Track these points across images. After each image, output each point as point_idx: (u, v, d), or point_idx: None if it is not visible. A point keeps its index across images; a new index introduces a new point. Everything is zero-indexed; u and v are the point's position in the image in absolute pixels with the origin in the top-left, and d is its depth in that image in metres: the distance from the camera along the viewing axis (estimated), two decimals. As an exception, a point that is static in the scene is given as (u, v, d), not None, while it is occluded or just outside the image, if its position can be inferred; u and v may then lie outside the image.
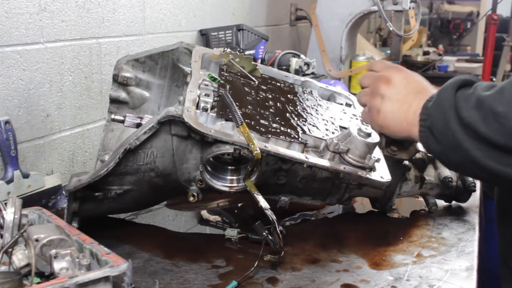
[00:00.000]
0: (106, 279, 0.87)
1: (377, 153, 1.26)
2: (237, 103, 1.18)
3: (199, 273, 1.08)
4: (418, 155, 1.32)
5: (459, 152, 0.92)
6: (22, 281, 0.90)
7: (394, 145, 1.27)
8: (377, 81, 1.11)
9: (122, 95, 1.45)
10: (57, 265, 0.90)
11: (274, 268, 1.09)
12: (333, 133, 1.28)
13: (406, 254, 1.15)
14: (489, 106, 0.87)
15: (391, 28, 2.44)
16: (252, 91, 1.30)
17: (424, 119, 0.98)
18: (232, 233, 1.23)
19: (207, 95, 1.18)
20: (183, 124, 1.11)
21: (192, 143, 1.15)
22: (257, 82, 1.34)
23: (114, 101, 1.46)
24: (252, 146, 1.10)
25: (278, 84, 1.41)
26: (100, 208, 1.22)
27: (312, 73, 2.30)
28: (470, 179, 1.36)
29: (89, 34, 1.62)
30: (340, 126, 1.33)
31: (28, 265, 0.93)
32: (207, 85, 1.22)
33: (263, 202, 1.10)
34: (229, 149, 1.12)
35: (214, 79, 1.26)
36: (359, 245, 1.20)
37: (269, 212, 1.09)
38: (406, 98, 1.05)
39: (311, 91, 1.47)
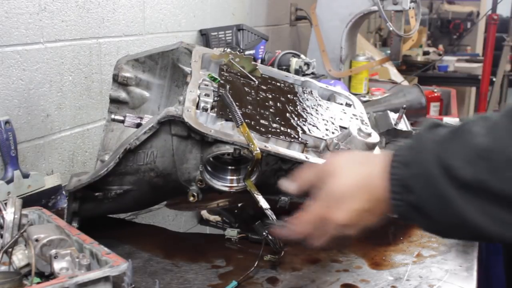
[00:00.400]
0: (106, 279, 0.87)
1: (377, 153, 1.26)
2: (237, 103, 1.18)
3: (199, 273, 1.08)
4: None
5: (466, 230, 0.69)
6: (22, 281, 0.90)
7: (394, 145, 1.27)
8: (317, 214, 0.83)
9: (122, 95, 1.45)
10: (57, 265, 0.90)
11: (274, 268, 1.09)
12: (333, 133, 1.28)
13: (406, 254, 1.15)
14: (501, 153, 0.64)
15: (391, 28, 2.44)
16: (252, 91, 1.30)
17: (397, 197, 0.73)
18: (232, 233, 1.23)
19: (207, 95, 1.18)
20: (183, 124, 1.11)
21: (192, 143, 1.15)
22: (257, 82, 1.34)
23: (114, 101, 1.46)
24: (252, 146, 1.10)
25: (278, 84, 1.41)
26: (100, 208, 1.22)
27: (312, 73, 2.30)
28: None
29: (89, 34, 1.62)
30: (340, 126, 1.33)
31: (28, 265, 0.93)
32: (207, 85, 1.22)
33: (263, 202, 1.10)
34: (229, 149, 1.12)
35: (214, 79, 1.26)
36: (359, 245, 1.19)
37: (269, 212, 1.09)
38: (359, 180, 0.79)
39: (311, 91, 1.47)
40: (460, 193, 0.66)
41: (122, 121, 1.27)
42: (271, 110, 1.26)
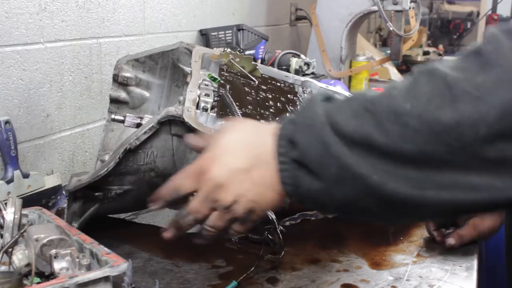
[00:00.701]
0: (106, 279, 0.87)
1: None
2: (237, 103, 1.18)
3: (199, 273, 1.08)
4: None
5: (350, 182, 0.64)
6: (22, 281, 0.90)
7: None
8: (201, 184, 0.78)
9: (122, 95, 1.45)
10: (57, 265, 0.90)
11: (274, 268, 1.09)
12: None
13: (406, 254, 1.15)
14: (387, 107, 0.63)
15: (391, 28, 2.44)
16: (252, 91, 1.30)
17: (283, 152, 0.68)
18: (232, 233, 1.23)
19: (207, 95, 1.18)
20: (183, 124, 1.11)
21: (192, 143, 1.15)
22: (257, 82, 1.34)
23: (114, 101, 1.46)
24: (252, 146, 1.10)
25: (278, 84, 1.41)
26: (100, 208, 1.22)
27: (312, 73, 2.30)
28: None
29: (89, 34, 1.62)
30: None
31: (28, 265, 0.93)
32: (207, 85, 1.22)
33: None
34: (229, 149, 1.11)
35: (214, 79, 1.26)
36: (359, 245, 1.20)
37: (269, 212, 1.09)
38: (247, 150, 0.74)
39: (311, 91, 1.47)
40: (347, 149, 0.64)
41: (122, 121, 1.27)
42: (271, 110, 1.26)
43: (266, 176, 0.71)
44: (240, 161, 0.72)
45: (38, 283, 0.88)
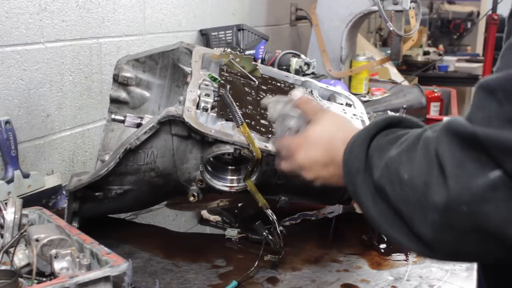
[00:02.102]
0: (106, 279, 0.87)
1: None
2: (237, 103, 1.18)
3: (199, 273, 1.08)
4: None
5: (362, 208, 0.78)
6: (22, 281, 0.90)
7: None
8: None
9: (123, 95, 1.45)
10: (58, 265, 0.90)
11: (274, 268, 1.09)
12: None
13: (406, 254, 1.15)
14: (395, 170, 0.71)
15: (391, 28, 2.44)
16: (252, 91, 1.30)
17: (346, 164, 0.82)
18: (232, 233, 1.23)
19: (207, 95, 1.18)
20: (184, 124, 1.11)
21: (193, 143, 1.15)
22: (257, 82, 1.34)
23: (114, 101, 1.46)
24: (253, 146, 1.11)
25: (279, 84, 1.41)
26: (100, 208, 1.22)
27: (312, 73, 2.30)
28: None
29: (89, 34, 1.62)
30: (340, 126, 1.33)
31: (28, 265, 0.93)
32: (208, 85, 1.22)
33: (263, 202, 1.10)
34: (229, 149, 1.12)
35: (214, 79, 1.26)
36: (359, 245, 1.20)
37: (269, 212, 1.09)
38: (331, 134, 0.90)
39: (311, 91, 1.47)
40: (369, 187, 0.75)
41: (123, 121, 1.27)
42: (271, 110, 1.26)
43: (337, 173, 0.85)
44: (320, 156, 0.90)
45: (38, 283, 0.88)
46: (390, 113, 1.43)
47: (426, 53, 4.74)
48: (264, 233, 1.12)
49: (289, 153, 0.94)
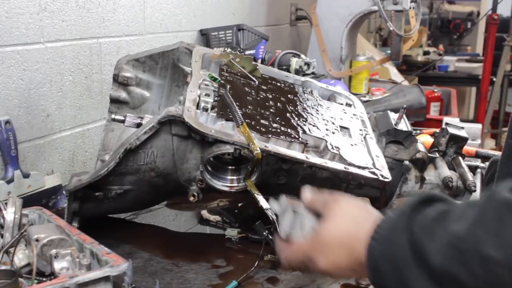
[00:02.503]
0: (106, 279, 0.87)
1: (378, 153, 1.26)
2: (237, 103, 1.18)
3: (199, 273, 1.08)
4: (418, 155, 1.32)
5: None
6: (22, 281, 0.90)
7: (394, 145, 1.27)
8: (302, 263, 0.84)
9: (123, 95, 1.45)
10: (58, 265, 0.90)
11: (274, 268, 1.09)
12: (333, 133, 1.28)
13: (406, 254, 1.15)
14: (475, 249, 0.61)
15: (391, 28, 2.44)
16: (252, 91, 1.30)
17: (370, 266, 0.72)
18: (232, 233, 1.23)
19: (207, 95, 1.18)
20: (184, 124, 1.11)
21: (193, 143, 1.15)
22: (257, 82, 1.34)
23: (114, 101, 1.46)
24: (253, 146, 1.11)
25: (279, 84, 1.41)
26: (100, 208, 1.22)
27: (312, 73, 2.30)
28: (471, 178, 1.36)
29: (90, 34, 1.62)
30: (340, 126, 1.33)
31: (28, 265, 0.93)
32: (208, 85, 1.22)
33: (263, 202, 1.10)
34: (229, 149, 1.12)
35: (214, 79, 1.26)
36: (359, 245, 1.19)
37: (269, 212, 1.09)
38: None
39: (311, 91, 1.47)
40: (425, 276, 0.65)
41: (123, 121, 1.27)
42: (271, 110, 1.26)
43: (364, 273, 0.75)
44: (344, 260, 0.78)
45: (38, 283, 0.88)
46: (390, 113, 1.43)
47: (426, 53, 4.75)
48: (264, 233, 1.12)
49: (307, 259, 0.82)
